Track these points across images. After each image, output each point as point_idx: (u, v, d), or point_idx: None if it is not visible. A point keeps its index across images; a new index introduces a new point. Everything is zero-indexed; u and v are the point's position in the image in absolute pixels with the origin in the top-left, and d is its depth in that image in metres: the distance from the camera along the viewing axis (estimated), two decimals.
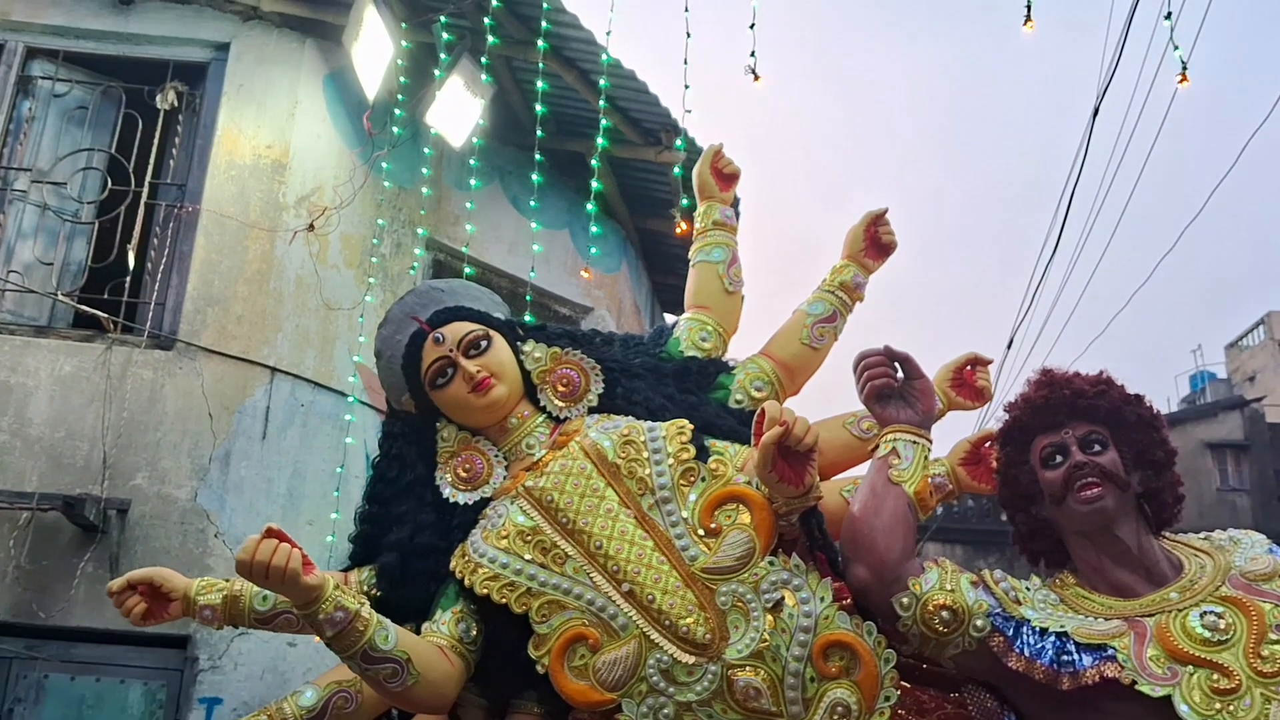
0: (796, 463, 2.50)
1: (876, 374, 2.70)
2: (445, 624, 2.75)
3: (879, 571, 2.55)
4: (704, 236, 3.34)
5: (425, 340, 3.00)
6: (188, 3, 7.50)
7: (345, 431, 6.84)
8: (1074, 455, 2.58)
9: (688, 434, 2.81)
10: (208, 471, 6.58)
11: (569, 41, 7.49)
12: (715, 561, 2.60)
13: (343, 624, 2.42)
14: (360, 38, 7.09)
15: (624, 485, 2.75)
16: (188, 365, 6.74)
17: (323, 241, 7.30)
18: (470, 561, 2.78)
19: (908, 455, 2.65)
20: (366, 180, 7.45)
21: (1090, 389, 2.65)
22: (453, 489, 2.97)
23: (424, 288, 3.24)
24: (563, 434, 2.97)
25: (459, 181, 7.84)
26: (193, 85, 7.50)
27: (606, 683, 2.56)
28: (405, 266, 7.63)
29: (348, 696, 2.81)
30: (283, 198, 7.24)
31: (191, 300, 6.88)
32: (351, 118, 7.60)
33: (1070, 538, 2.64)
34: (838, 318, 3.23)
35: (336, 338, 7.25)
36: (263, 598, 2.79)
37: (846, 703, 2.47)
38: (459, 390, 2.95)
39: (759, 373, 3.13)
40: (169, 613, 2.82)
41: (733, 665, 2.50)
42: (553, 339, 3.14)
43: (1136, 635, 2.40)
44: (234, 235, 7.06)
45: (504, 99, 8.06)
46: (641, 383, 3.06)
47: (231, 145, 7.26)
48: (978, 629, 2.49)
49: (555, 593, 2.66)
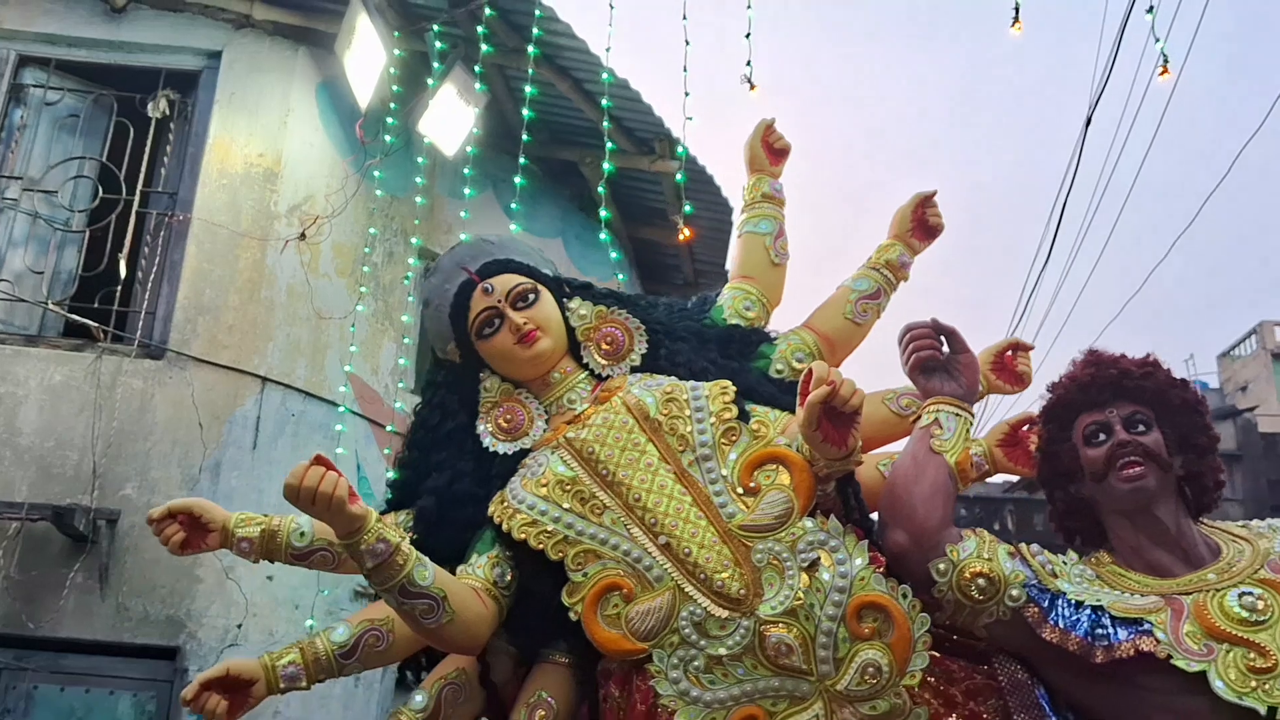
0: (841, 424, 2.48)
1: (923, 345, 2.70)
2: (481, 567, 2.75)
3: (917, 537, 2.55)
4: (752, 209, 3.35)
5: (474, 290, 2.99)
6: (180, 11, 7.49)
7: (336, 442, 6.80)
8: (1118, 434, 2.58)
9: (731, 394, 2.82)
10: (198, 482, 6.55)
11: (562, 50, 7.49)
12: (753, 519, 2.61)
13: (384, 555, 2.40)
14: (353, 46, 7.08)
15: (665, 441, 2.76)
16: (178, 375, 6.72)
17: (314, 250, 7.28)
18: (509, 507, 2.78)
19: (950, 426, 2.65)
20: (359, 189, 7.44)
21: (1137, 369, 2.65)
22: (493, 438, 2.98)
23: (475, 240, 3.23)
24: (604, 390, 2.98)
25: (452, 190, 7.83)
26: (185, 93, 7.49)
27: (639, 632, 2.57)
28: (398, 276, 7.62)
29: (379, 635, 2.79)
30: (274, 206, 7.23)
31: (182, 309, 6.87)
32: (344, 126, 7.59)
33: (1109, 516, 2.63)
34: (881, 295, 3.24)
35: (328, 347, 7.23)
36: (300, 534, 2.78)
37: (878, 663, 2.45)
38: (505, 341, 2.96)
39: (801, 344, 3.12)
40: (206, 543, 2.83)
41: (765, 621, 2.50)
42: (599, 298, 3.16)
43: (1174, 612, 2.38)
44: (225, 244, 7.04)
45: (498, 108, 8.06)
46: (685, 345, 3.07)
47: (223, 153, 7.24)
48: (1013, 598, 2.49)
49: (592, 542, 2.67)
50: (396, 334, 7.57)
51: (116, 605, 6.31)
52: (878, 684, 2.45)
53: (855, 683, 2.45)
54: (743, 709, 2.49)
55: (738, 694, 2.50)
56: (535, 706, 2.73)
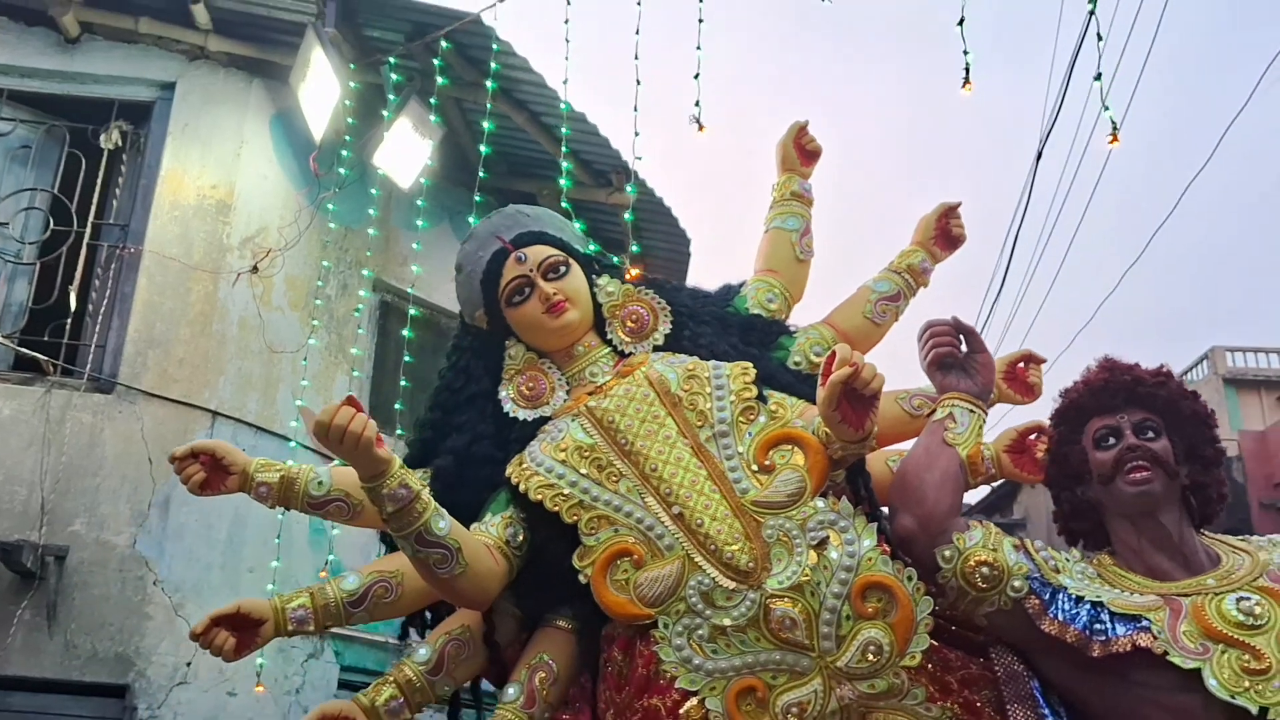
0: (860, 406, 2.51)
1: (942, 342, 2.76)
2: (495, 526, 2.80)
3: (926, 523, 2.59)
4: (781, 205, 3.42)
5: (507, 258, 3.07)
6: (134, 42, 7.46)
7: None
8: (1127, 438, 2.62)
9: (751, 374, 2.88)
10: (147, 518, 6.50)
11: (519, 84, 7.50)
12: (766, 496, 2.66)
13: (404, 501, 2.45)
14: (308, 78, 7.06)
15: (683, 415, 2.82)
16: (128, 409, 6.66)
17: (267, 283, 7.25)
18: (527, 469, 2.84)
19: (964, 421, 2.70)
20: (312, 221, 7.41)
21: (1151, 378, 2.69)
22: (514, 404, 3.05)
23: (511, 210, 3.28)
24: (626, 366, 3.04)
25: (407, 222, 7.80)
26: (138, 125, 7.46)
27: (646, 598, 2.61)
28: (350, 308, 7.58)
29: (388, 586, 2.85)
30: (227, 239, 7.19)
31: (132, 343, 6.81)
32: (298, 158, 7.57)
33: (1113, 520, 2.67)
34: (901, 298, 3.30)
35: (280, 381, 7.18)
36: (318, 483, 2.84)
37: (879, 642, 2.48)
38: (533, 310, 3.03)
39: (819, 339, 3.17)
40: (226, 485, 2.86)
41: (772, 595, 2.53)
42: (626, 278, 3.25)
43: (1172, 611, 2.43)
44: (176, 277, 6.99)
45: (454, 140, 8.05)
46: (708, 329, 3.13)
47: (176, 185, 7.20)
48: (1015, 589, 2.52)
49: (606, 508, 2.73)
50: (349, 367, 7.53)
51: (65, 643, 6.23)
52: (878, 663, 2.48)
53: (856, 660, 2.48)
54: (743, 680, 2.52)
55: (739, 665, 2.53)
56: (536, 668, 2.79)
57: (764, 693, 2.51)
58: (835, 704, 2.49)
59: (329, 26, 6.98)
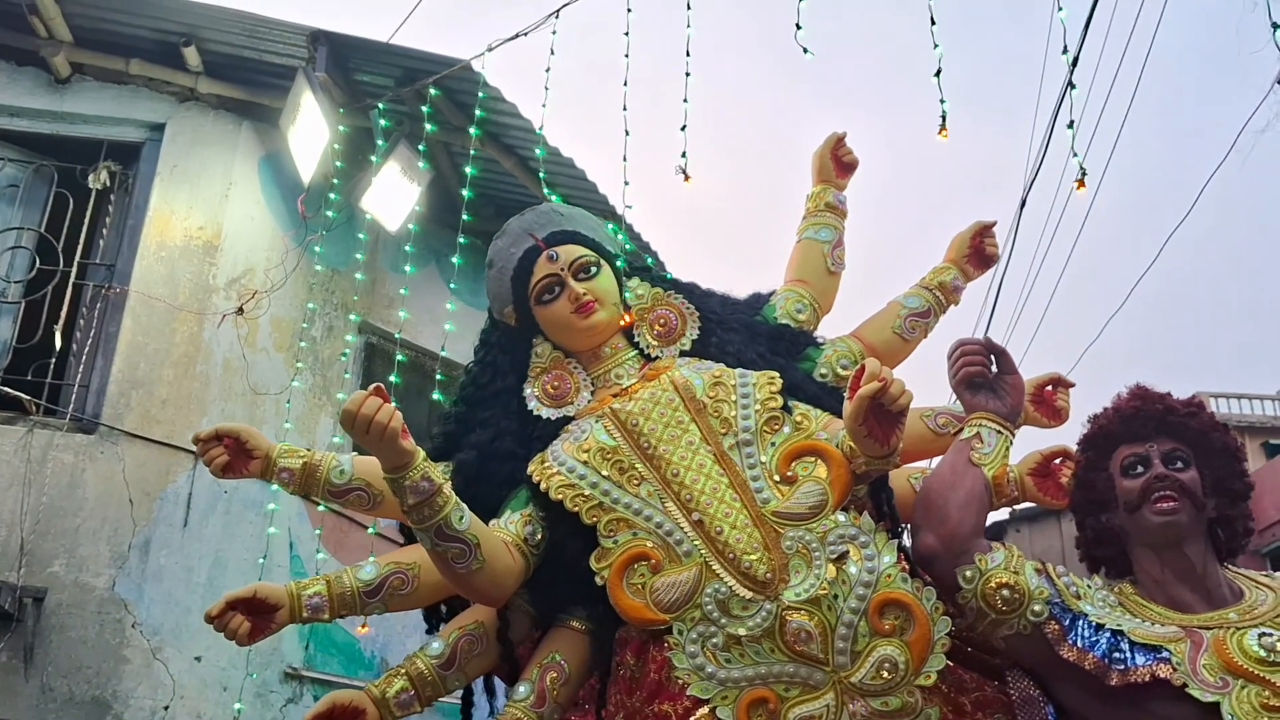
0: (886, 422, 2.51)
1: (972, 361, 2.74)
2: (514, 523, 2.81)
3: (948, 542, 2.57)
4: (814, 216, 3.43)
5: (539, 256, 3.09)
6: (124, 83, 7.47)
7: (269, 521, 6.72)
8: (1155, 467, 2.61)
9: (777, 384, 2.88)
10: (127, 560, 6.45)
11: (507, 129, 7.52)
12: (787, 507, 2.66)
13: (426, 494, 2.46)
14: (297, 121, 7.08)
15: (707, 422, 2.83)
16: (109, 450, 6.63)
17: (252, 325, 7.24)
18: (548, 467, 2.85)
19: (991, 442, 2.68)
20: (299, 263, 7.41)
21: (1182, 408, 2.68)
22: (538, 402, 3.07)
23: (545, 208, 3.31)
24: (652, 370, 3.06)
25: (394, 265, 7.81)
26: (126, 165, 7.46)
27: (662, 604, 2.62)
28: (336, 351, 7.56)
29: (404, 578, 2.85)
30: (213, 280, 7.18)
31: (116, 383, 6.78)
32: (286, 200, 7.58)
33: (1136, 549, 2.66)
34: (931, 315, 3.30)
35: (263, 423, 7.13)
36: (339, 472, 2.85)
37: (895, 660, 2.48)
38: (562, 309, 3.06)
39: (847, 351, 3.17)
40: (248, 469, 2.87)
41: (788, 607, 2.53)
42: (657, 281, 3.26)
43: (1193, 644, 2.41)
44: (162, 317, 6.98)
45: (443, 183, 8.07)
46: (736, 336, 3.13)
47: (163, 226, 7.20)
48: (1035, 613, 2.51)
49: (626, 511, 2.74)
50: (334, 409, 7.50)
51: (41, 685, 6.16)
52: (892, 680, 2.47)
53: (870, 677, 2.47)
54: (755, 690, 2.52)
55: (752, 675, 2.53)
56: (548, 668, 2.81)
57: (776, 705, 2.51)
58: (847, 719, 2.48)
59: (319, 71, 7.00)
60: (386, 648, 7.44)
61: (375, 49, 7.31)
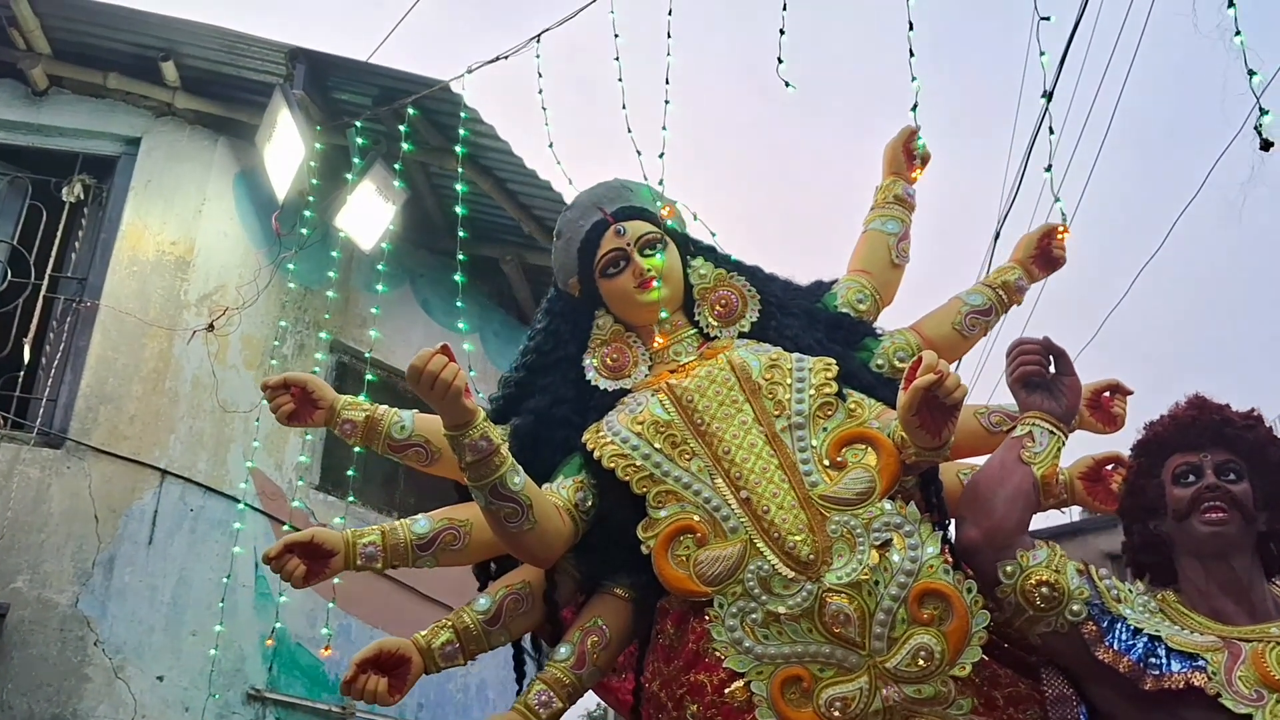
0: (939, 415, 2.53)
1: (1030, 361, 2.74)
2: (566, 489, 2.89)
3: (992, 536, 2.58)
4: (883, 208, 3.45)
5: (607, 230, 3.17)
6: (101, 97, 7.45)
7: (234, 540, 6.66)
8: (1208, 477, 2.60)
9: (834, 371, 2.92)
10: (90, 576, 6.38)
11: (486, 151, 7.51)
12: (834, 492, 2.69)
13: (484, 453, 2.54)
14: (273, 138, 7.06)
15: (761, 404, 2.87)
16: (76, 465, 6.57)
17: (222, 342, 7.19)
18: (602, 436, 2.92)
19: (1043, 441, 2.68)
20: (271, 280, 7.37)
21: (1240, 420, 2.67)
22: (596, 373, 3.15)
23: (615, 182, 3.35)
24: (710, 349, 3.10)
25: (368, 284, 7.77)
26: (101, 179, 7.43)
27: (705, 576, 2.67)
28: (307, 368, 7.48)
29: (456, 534, 2.88)
30: (184, 295, 7.15)
31: (84, 398, 6.73)
32: (260, 217, 7.55)
33: (1182, 558, 2.64)
34: (992, 313, 3.31)
35: (231, 441, 7.10)
36: (400, 427, 2.91)
37: (931, 649, 2.50)
38: (626, 283, 3.13)
39: (905, 344, 3.18)
40: (313, 418, 2.94)
41: (829, 589, 2.56)
42: (720, 262, 3.30)
43: (1230, 654, 2.41)
44: (132, 332, 6.93)
45: (419, 203, 8.06)
46: (795, 321, 3.17)
47: (136, 240, 7.16)
48: (1074, 613, 2.52)
49: (675, 484, 2.79)
50: (301, 429, 7.45)
51: (0, 703, 6.08)
52: (928, 668, 2.50)
53: (906, 663, 2.50)
54: (790, 668, 2.55)
55: (788, 653, 2.56)
56: (590, 631, 2.87)
57: (810, 683, 2.54)
58: (880, 704, 2.50)
59: (297, 88, 6.99)
60: None
61: (354, 67, 7.30)
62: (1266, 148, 3.20)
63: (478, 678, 8.31)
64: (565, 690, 2.81)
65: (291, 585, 2.83)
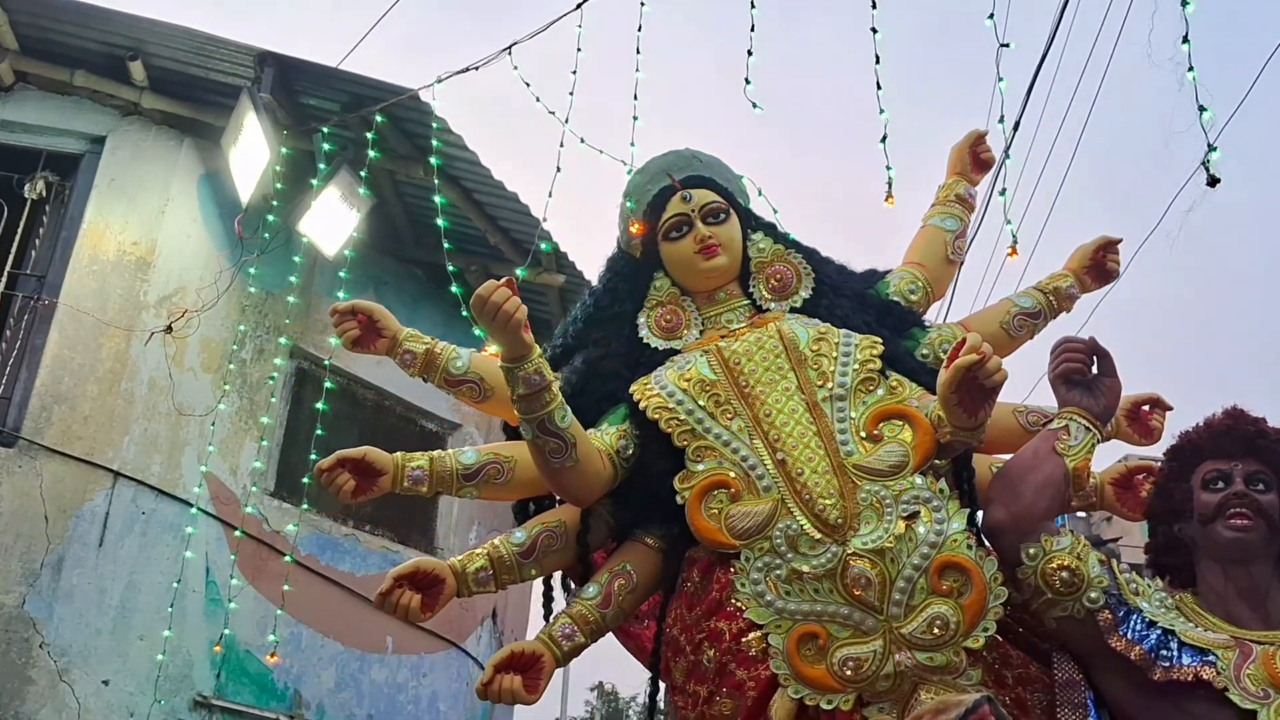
0: (977, 395, 2.59)
1: (1074, 358, 2.80)
2: (610, 435, 2.99)
3: (1018, 519, 2.64)
4: (944, 205, 3.55)
5: (673, 195, 3.27)
6: (67, 94, 7.38)
7: (185, 544, 6.61)
8: (1236, 484, 2.66)
9: (880, 349, 3.00)
10: (38, 577, 6.30)
11: (454, 160, 7.50)
12: (868, 462, 2.76)
13: (537, 386, 2.64)
14: (239, 141, 7.02)
15: (806, 374, 2.94)
16: (28, 464, 6.48)
17: (180, 344, 7.13)
18: (649, 389, 3.01)
19: (1078, 436, 2.72)
20: (232, 284, 7.31)
21: (1274, 433, 2.72)
22: (649, 331, 3.25)
23: (686, 151, 3.44)
24: (761, 319, 3.18)
25: (329, 291, 7.70)
26: (64, 176, 7.36)
27: (735, 530, 2.74)
28: (265, 374, 7.46)
29: (500, 468, 2.96)
30: (144, 296, 7.08)
31: (39, 396, 6.65)
32: (223, 220, 7.49)
33: (1204, 561, 2.70)
34: (1041, 317, 3.36)
35: (186, 444, 7.04)
36: (457, 361, 3.02)
37: (947, 619, 2.55)
38: (687, 248, 3.23)
39: (951, 337, 3.20)
40: (376, 346, 3.04)
41: (854, 553, 2.63)
42: (779, 239, 3.38)
43: (1241, 653, 2.47)
44: (89, 332, 6.86)
45: (384, 211, 8.03)
46: (846, 302, 3.25)
47: (96, 239, 7.10)
48: (1091, 600, 2.57)
49: (715, 441, 2.88)
50: (259, 434, 7.40)
51: None
52: (942, 637, 2.55)
53: (921, 630, 2.55)
54: (808, 625, 2.62)
55: (807, 610, 2.63)
56: (617, 575, 2.95)
57: (826, 641, 2.60)
58: (891, 668, 2.55)
59: (264, 92, 6.95)
60: (300, 680, 7.33)
61: (322, 73, 7.26)
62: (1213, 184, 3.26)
63: (429, 690, 8.27)
64: (589, 627, 2.89)
65: (339, 499, 2.86)
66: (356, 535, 7.88)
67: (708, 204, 3.26)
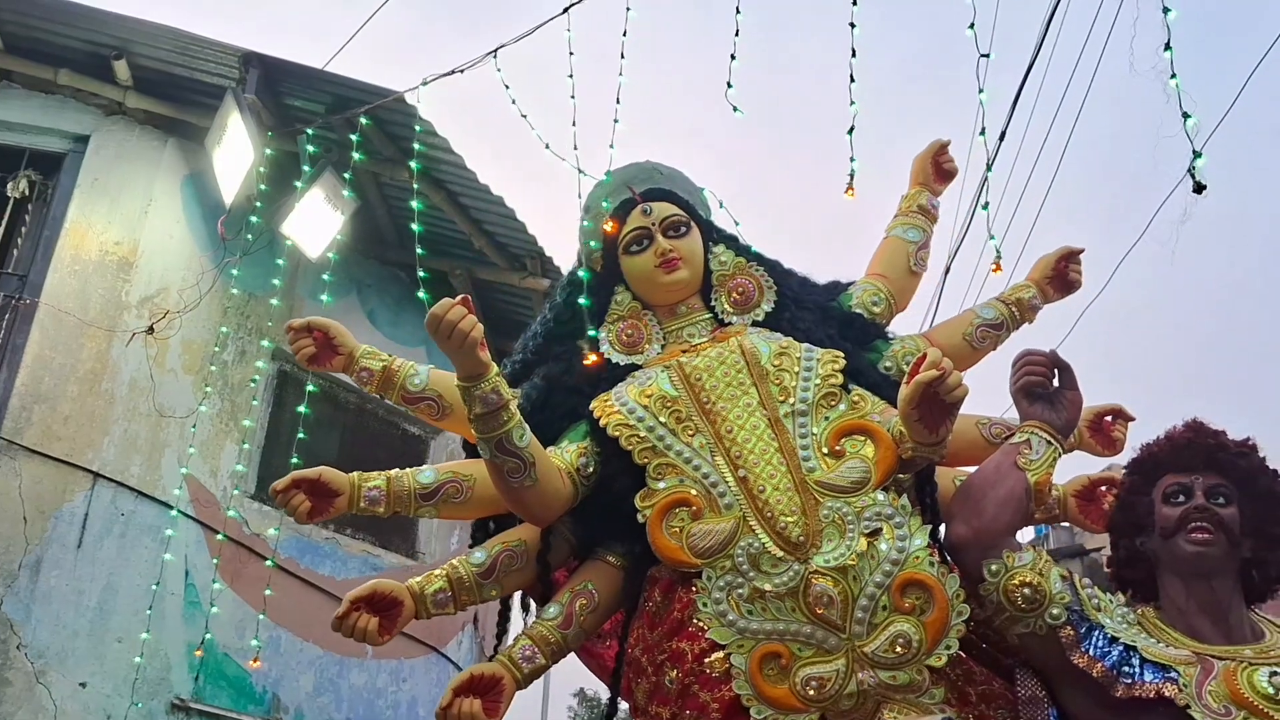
0: (938, 411, 2.59)
1: (1035, 371, 2.79)
2: (569, 453, 2.96)
3: (980, 535, 2.64)
4: (906, 216, 3.53)
5: (634, 208, 3.26)
6: (51, 93, 7.36)
7: (165, 547, 6.57)
8: (1197, 498, 2.66)
9: (841, 363, 2.98)
10: (16, 579, 6.26)
11: (439, 163, 7.48)
12: (830, 478, 2.75)
13: (494, 405, 2.61)
14: (223, 142, 7.00)
15: (767, 389, 2.93)
16: (7, 465, 6.44)
17: (162, 345, 7.10)
18: (610, 406, 2.98)
19: (1039, 450, 2.72)
20: (215, 285, 7.28)
21: (1234, 446, 2.72)
22: (610, 346, 3.22)
23: (646, 164, 3.42)
24: (723, 333, 3.18)
25: (314, 292, 7.67)
26: (47, 175, 7.33)
27: (696, 549, 2.73)
28: (247, 376, 7.42)
29: (459, 487, 2.92)
30: (125, 296, 7.06)
31: (19, 396, 6.60)
32: (207, 221, 7.47)
33: (1165, 575, 2.69)
34: (1004, 328, 3.35)
35: (166, 446, 7.01)
36: (415, 379, 2.99)
37: (909, 637, 2.55)
38: (647, 262, 3.21)
39: (915, 349, 3.20)
40: (333, 364, 3.02)
41: (815, 571, 2.62)
42: (741, 252, 3.36)
43: (1203, 669, 2.46)
44: (70, 332, 6.83)
45: (368, 214, 8.02)
46: (809, 315, 3.23)
47: (79, 239, 7.07)
48: (1053, 616, 2.56)
49: (676, 459, 2.86)
50: (240, 436, 7.36)
51: None
52: (904, 655, 2.54)
53: (883, 649, 2.55)
54: (771, 644, 2.61)
55: (769, 629, 2.62)
56: (580, 594, 2.93)
57: (788, 661, 2.59)
58: (854, 687, 2.55)
59: (249, 92, 6.94)
60: (279, 684, 7.29)
61: (307, 74, 7.24)
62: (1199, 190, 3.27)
63: (409, 694, 8.24)
64: (550, 648, 2.87)
65: (296, 520, 2.84)
66: (337, 539, 7.86)
67: (668, 217, 3.24)
